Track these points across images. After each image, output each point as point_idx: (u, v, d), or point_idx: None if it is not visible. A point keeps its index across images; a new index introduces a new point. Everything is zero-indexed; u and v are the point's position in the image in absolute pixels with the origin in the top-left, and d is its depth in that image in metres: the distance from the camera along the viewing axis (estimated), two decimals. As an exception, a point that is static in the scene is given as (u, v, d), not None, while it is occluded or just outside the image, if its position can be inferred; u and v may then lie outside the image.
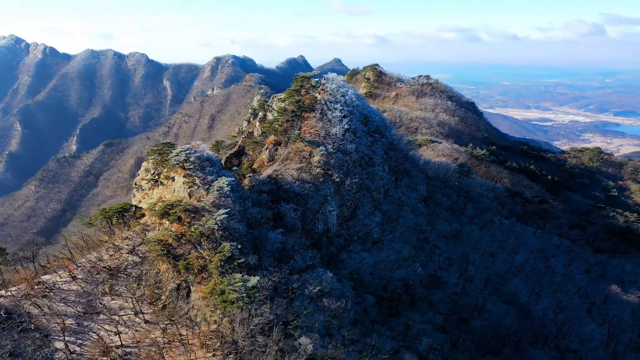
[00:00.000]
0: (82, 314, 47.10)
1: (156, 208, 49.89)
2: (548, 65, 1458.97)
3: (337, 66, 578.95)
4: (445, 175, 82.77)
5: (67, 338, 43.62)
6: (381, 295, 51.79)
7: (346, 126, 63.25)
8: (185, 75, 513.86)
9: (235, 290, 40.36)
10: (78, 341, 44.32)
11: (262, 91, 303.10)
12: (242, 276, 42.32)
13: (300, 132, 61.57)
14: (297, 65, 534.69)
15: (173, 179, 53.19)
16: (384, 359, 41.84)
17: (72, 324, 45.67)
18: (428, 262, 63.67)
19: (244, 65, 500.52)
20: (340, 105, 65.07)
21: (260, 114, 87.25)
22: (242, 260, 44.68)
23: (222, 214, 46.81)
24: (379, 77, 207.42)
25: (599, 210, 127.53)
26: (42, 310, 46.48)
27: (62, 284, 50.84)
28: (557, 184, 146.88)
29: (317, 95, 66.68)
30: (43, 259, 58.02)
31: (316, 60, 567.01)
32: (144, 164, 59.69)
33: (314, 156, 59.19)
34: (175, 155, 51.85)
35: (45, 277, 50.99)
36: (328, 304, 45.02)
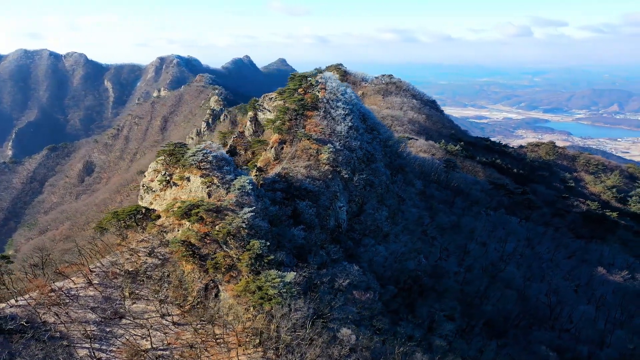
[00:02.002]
0: (103, 320, 46.04)
1: (175, 209, 49.45)
2: (481, 65, 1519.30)
3: (282, 66, 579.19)
4: (433, 170, 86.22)
5: (90, 345, 42.66)
6: (395, 286, 53.63)
7: (349, 124, 64.73)
8: (127, 76, 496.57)
9: (275, 286, 40.83)
10: (103, 347, 43.43)
11: (216, 92, 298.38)
12: (278, 272, 42.86)
13: (304, 130, 62.44)
14: (243, 66, 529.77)
15: (188, 179, 52.71)
16: (415, 345, 43.59)
17: (94, 330, 44.62)
18: (429, 253, 66.27)
19: (190, 65, 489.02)
20: (342, 104, 66.49)
21: (251, 113, 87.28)
22: (272, 257, 45.21)
23: (248, 212, 47.05)
24: (343, 77, 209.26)
25: (564, 200, 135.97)
26: (59, 318, 45.16)
27: (77, 290, 49.39)
28: (522, 177, 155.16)
29: (318, 93, 67.71)
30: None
31: (261, 60, 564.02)
32: (152, 164, 58.73)
33: (322, 154, 60.21)
34: (192, 155, 51.43)
35: (58, 284, 49.36)
36: (358, 296, 46.29)
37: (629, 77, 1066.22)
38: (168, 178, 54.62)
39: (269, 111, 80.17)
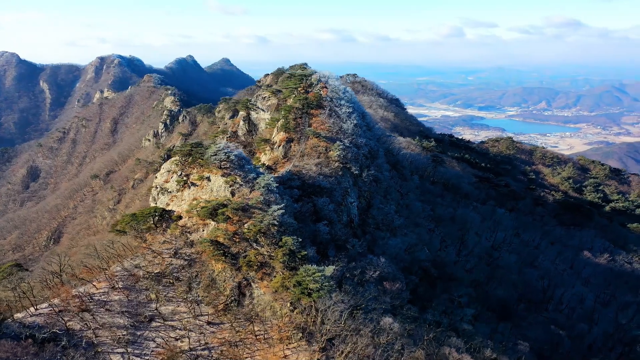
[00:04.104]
0: (133, 324, 45.34)
1: (199, 209, 49.27)
2: (418, 64, 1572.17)
3: (226, 66, 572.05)
4: (423, 165, 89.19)
5: (122, 350, 42.12)
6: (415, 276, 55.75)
7: (354, 121, 66.28)
8: (65, 77, 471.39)
9: (317, 281, 41.73)
10: (136, 351, 42.87)
11: (169, 92, 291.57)
12: (317, 267, 43.77)
13: (312, 129, 63.34)
14: (188, 66, 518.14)
15: (208, 178, 52.58)
16: (445, 330, 45.84)
17: (124, 335, 43.89)
18: (431, 244, 68.85)
19: (132, 65, 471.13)
20: (345, 102, 67.91)
21: (243, 113, 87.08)
22: (305, 252, 46.11)
23: (278, 209, 47.63)
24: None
25: (531, 191, 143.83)
26: (87, 324, 44.17)
27: (101, 295, 48.32)
28: (490, 170, 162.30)
29: (321, 92, 68.72)
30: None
31: (202, 60, 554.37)
32: (165, 165, 57.97)
33: (332, 151, 61.39)
34: (213, 155, 51.32)
35: (80, 290, 48.07)
36: (389, 287, 47.95)
37: (554, 76, 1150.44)
38: (185, 179, 54.18)
39: (263, 110, 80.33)
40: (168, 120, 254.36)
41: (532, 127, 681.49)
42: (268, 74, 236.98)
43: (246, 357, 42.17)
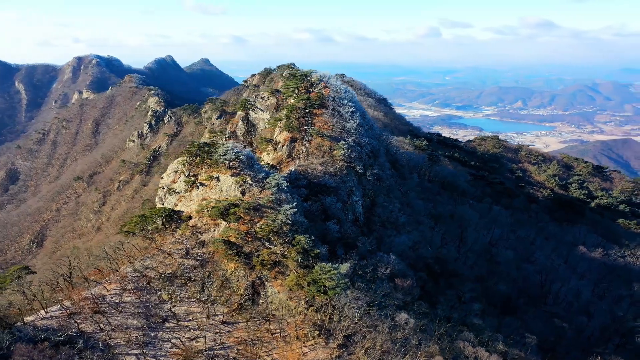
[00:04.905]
0: (146, 325, 45.18)
1: (209, 209, 49.30)
2: (396, 64, 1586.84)
3: (206, 66, 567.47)
4: (419, 164, 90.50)
5: (137, 351, 42.04)
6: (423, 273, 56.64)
7: (357, 120, 66.93)
8: (41, 77, 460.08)
9: (333, 278, 42.21)
10: (151, 352, 42.80)
11: (152, 92, 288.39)
12: (332, 265, 44.25)
13: (315, 128, 63.75)
14: (167, 66, 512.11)
15: (217, 178, 52.58)
16: (455, 325, 46.77)
17: (139, 336, 43.72)
18: (432, 242, 69.92)
19: (110, 65, 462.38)
20: (347, 101, 68.49)
21: (241, 113, 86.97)
22: (318, 251, 46.54)
23: (290, 208, 47.95)
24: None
25: (521, 188, 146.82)
26: (99, 325, 43.91)
27: (112, 297, 47.97)
28: (479, 169, 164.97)
29: (323, 92, 69.17)
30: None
31: (183, 60, 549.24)
32: (172, 165, 57.72)
33: (336, 150, 61.94)
34: (223, 155, 51.34)
35: (91, 292, 47.63)
36: (400, 283, 48.69)
37: (529, 76, 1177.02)
38: (193, 179, 54.06)
39: (262, 110, 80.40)
40: (153, 121, 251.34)
41: (509, 126, 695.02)
42: (255, 74, 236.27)
43: (264, 355, 42.42)
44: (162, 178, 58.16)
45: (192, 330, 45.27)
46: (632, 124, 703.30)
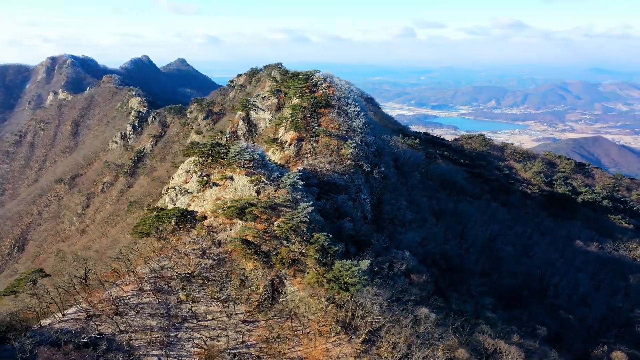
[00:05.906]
0: (166, 326, 45.05)
1: (225, 209, 49.33)
2: (372, 64, 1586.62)
3: (182, 66, 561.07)
4: (418, 162, 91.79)
5: (159, 352, 42.00)
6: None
7: (363, 119, 67.67)
8: (13, 78, 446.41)
9: (354, 275, 42.79)
10: (172, 353, 42.76)
11: (133, 93, 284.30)
12: (352, 262, 44.83)
13: (322, 127, 64.24)
14: (143, 66, 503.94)
15: (231, 178, 52.63)
16: (468, 318, 47.96)
17: (159, 337, 43.60)
18: (436, 238, 71.14)
19: (85, 65, 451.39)
20: (352, 101, 69.16)
21: (242, 113, 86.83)
22: (336, 248, 47.08)
23: (307, 207, 48.33)
24: (284, 76, 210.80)
25: (511, 185, 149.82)
26: (119, 327, 43.62)
27: (129, 298, 47.61)
28: (469, 166, 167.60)
29: (328, 91, 69.66)
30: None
31: (158, 60, 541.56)
32: (183, 166, 57.49)
33: (344, 149, 62.54)
34: (238, 154, 51.40)
35: (109, 294, 47.17)
36: (416, 279, 49.61)
37: (502, 75, 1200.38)
38: (206, 179, 53.97)
39: (263, 110, 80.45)
40: (136, 122, 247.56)
41: (483, 125, 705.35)
42: (241, 74, 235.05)
43: (288, 352, 42.73)
44: (172, 178, 57.81)
45: (212, 330, 45.25)
46: (602, 122, 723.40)
